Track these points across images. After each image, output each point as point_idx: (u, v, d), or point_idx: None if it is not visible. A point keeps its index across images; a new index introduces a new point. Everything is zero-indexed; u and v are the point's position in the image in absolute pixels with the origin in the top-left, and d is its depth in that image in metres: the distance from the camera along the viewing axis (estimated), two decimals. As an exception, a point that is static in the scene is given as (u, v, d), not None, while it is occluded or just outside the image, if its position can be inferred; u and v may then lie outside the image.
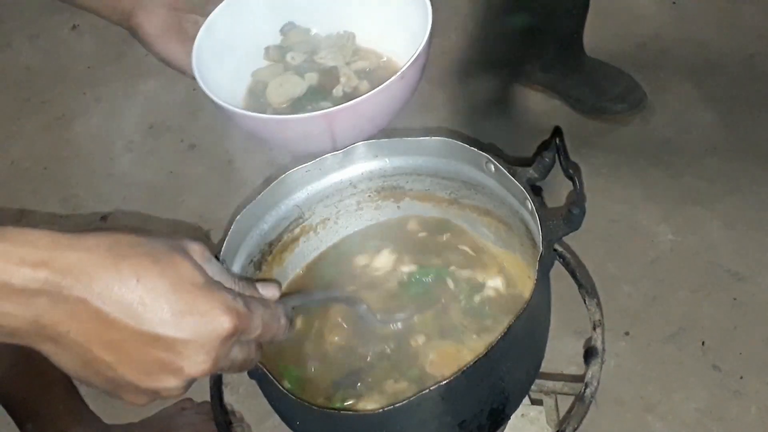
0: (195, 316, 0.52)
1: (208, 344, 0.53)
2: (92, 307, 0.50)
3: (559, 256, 0.87)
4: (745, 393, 1.33)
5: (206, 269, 0.55)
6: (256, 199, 0.82)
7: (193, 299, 0.52)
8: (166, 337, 0.52)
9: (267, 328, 0.58)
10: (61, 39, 2.19)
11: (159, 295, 0.51)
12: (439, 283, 0.85)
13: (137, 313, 0.51)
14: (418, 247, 0.89)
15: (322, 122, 0.78)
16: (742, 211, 1.55)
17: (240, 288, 0.58)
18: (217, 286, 0.54)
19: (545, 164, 0.76)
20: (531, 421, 0.92)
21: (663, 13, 1.95)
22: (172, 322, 0.52)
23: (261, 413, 1.36)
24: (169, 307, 0.51)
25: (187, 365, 0.53)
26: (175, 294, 0.52)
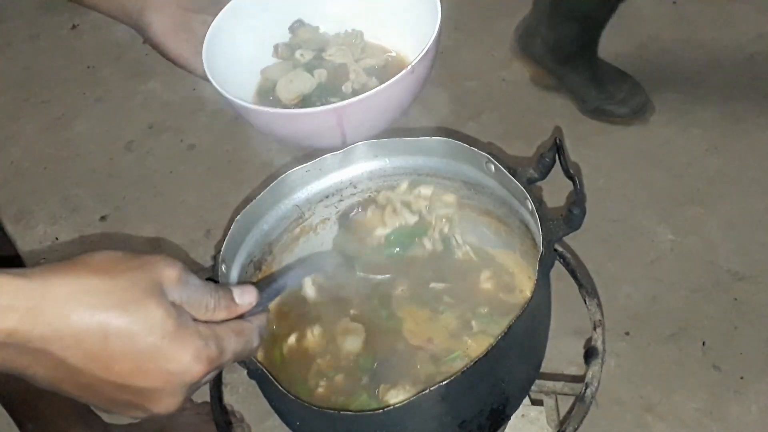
0: (164, 367, 0.52)
1: (177, 390, 0.54)
2: (58, 357, 0.50)
3: (560, 256, 0.87)
4: (745, 393, 1.33)
5: (181, 295, 0.54)
6: (256, 199, 0.82)
7: (162, 350, 0.52)
8: (134, 386, 0.52)
9: (239, 355, 0.58)
10: (61, 39, 2.19)
11: (127, 349, 0.51)
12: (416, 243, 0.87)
13: (105, 366, 0.51)
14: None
15: (332, 117, 0.78)
16: (742, 211, 1.56)
17: (216, 305, 0.57)
18: (188, 331, 0.54)
19: (545, 164, 0.75)
20: (531, 421, 0.92)
21: (663, 13, 1.95)
22: (140, 373, 0.52)
23: (261, 413, 1.36)
24: (137, 359, 0.51)
25: (156, 407, 0.54)
26: (144, 346, 0.51)
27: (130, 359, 0.51)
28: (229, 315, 0.59)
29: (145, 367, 0.52)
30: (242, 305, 0.60)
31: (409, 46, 0.91)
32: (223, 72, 0.85)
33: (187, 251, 1.67)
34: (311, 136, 0.82)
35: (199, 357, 0.53)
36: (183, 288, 0.55)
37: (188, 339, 0.53)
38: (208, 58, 0.85)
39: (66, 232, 1.77)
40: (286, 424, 0.75)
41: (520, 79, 1.87)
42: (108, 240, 1.72)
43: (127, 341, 0.51)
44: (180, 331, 0.53)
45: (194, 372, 0.53)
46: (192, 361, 0.53)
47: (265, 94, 0.91)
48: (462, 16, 2.02)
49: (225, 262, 0.77)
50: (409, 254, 0.86)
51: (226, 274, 0.78)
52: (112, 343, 0.51)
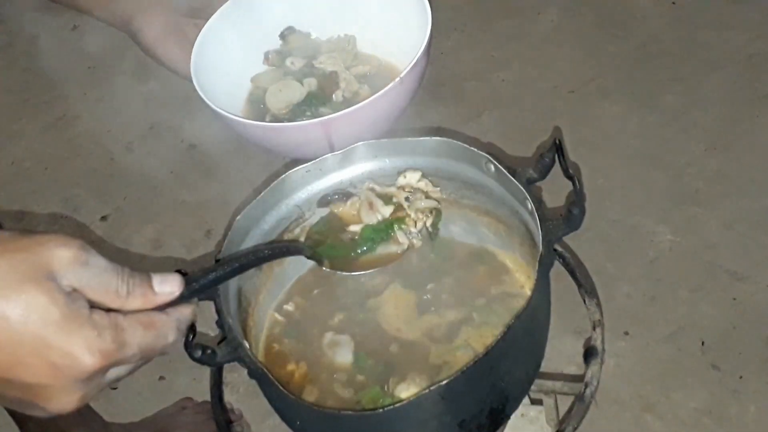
0: (48, 360, 0.47)
1: (69, 386, 0.49)
2: None
3: (559, 256, 0.87)
4: (744, 392, 1.33)
5: (80, 279, 0.49)
6: (257, 199, 0.82)
7: (45, 341, 0.47)
8: (19, 381, 0.48)
9: (149, 349, 0.53)
10: (62, 39, 2.19)
11: (4, 338, 0.46)
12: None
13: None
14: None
15: (319, 129, 0.78)
16: (741, 211, 1.56)
17: (129, 292, 0.52)
18: (78, 320, 0.48)
19: (545, 164, 0.76)
20: (531, 420, 0.92)
21: (663, 13, 1.95)
22: (22, 367, 0.47)
23: (261, 413, 1.36)
24: (16, 351, 0.47)
25: (51, 405, 0.50)
26: (24, 336, 0.47)
27: (8, 351, 0.47)
28: (144, 304, 0.53)
29: (26, 361, 0.47)
30: (161, 294, 0.55)
31: (401, 53, 0.91)
32: (212, 79, 0.85)
33: (187, 251, 1.67)
34: (299, 147, 0.82)
35: (90, 349, 0.48)
36: (81, 271, 0.50)
37: (77, 328, 0.48)
38: (197, 64, 0.85)
39: (66, 233, 1.76)
40: (287, 424, 0.76)
41: (520, 79, 1.88)
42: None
43: (3, 330, 0.46)
44: (68, 319, 0.48)
45: (84, 366, 0.48)
46: (81, 353, 0.48)
47: (256, 103, 0.91)
48: (462, 16, 2.02)
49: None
50: (383, 251, 0.82)
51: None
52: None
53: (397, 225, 0.81)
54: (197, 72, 0.84)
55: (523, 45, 1.95)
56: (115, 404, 1.44)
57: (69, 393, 0.49)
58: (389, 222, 0.82)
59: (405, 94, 0.81)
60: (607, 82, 1.82)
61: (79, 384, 0.49)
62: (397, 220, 0.81)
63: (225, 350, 0.71)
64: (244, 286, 0.82)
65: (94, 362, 0.49)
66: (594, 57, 1.87)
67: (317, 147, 0.82)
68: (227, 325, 0.73)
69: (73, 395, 0.50)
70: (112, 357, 0.50)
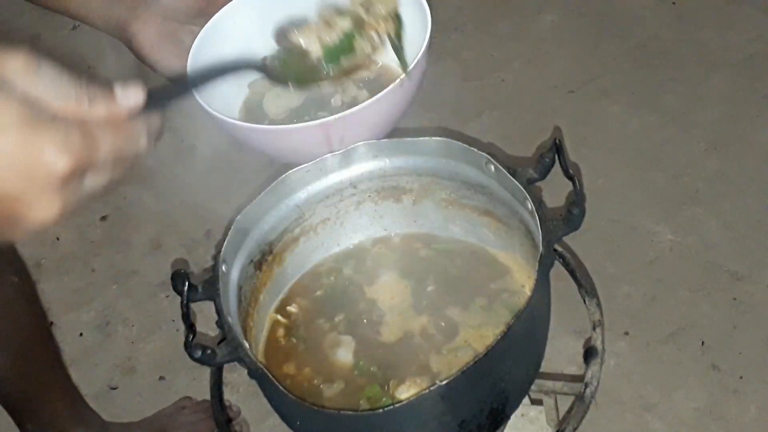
0: (19, 164, 0.45)
1: (47, 189, 0.47)
2: None
3: (559, 256, 0.87)
4: (744, 392, 1.33)
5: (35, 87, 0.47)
6: (256, 199, 0.82)
7: (11, 145, 0.45)
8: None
9: (121, 152, 0.50)
10: (62, 39, 2.19)
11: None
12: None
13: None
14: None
15: (319, 132, 0.78)
16: (741, 211, 1.56)
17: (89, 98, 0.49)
18: (40, 121, 0.46)
19: (545, 164, 0.76)
20: (531, 420, 0.92)
21: (663, 13, 1.95)
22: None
23: (261, 413, 1.36)
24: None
25: (32, 215, 0.47)
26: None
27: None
28: (108, 115, 0.50)
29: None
30: (125, 103, 0.52)
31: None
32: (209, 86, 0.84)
33: (187, 251, 1.67)
34: (299, 151, 0.82)
35: (59, 148, 0.46)
36: (35, 78, 0.47)
37: (42, 129, 0.46)
38: (194, 70, 0.84)
39: (67, 232, 1.77)
40: (287, 424, 0.76)
41: (520, 79, 1.88)
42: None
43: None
44: (29, 122, 0.45)
45: (59, 166, 0.46)
46: (50, 154, 0.46)
47: (253, 109, 0.90)
48: (462, 16, 2.02)
49: (225, 263, 0.77)
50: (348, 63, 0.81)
51: (227, 274, 0.78)
52: None
53: (358, 34, 0.78)
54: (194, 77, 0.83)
55: (523, 45, 1.95)
56: (114, 404, 1.44)
57: (48, 200, 0.47)
58: (349, 33, 0.79)
59: (406, 96, 0.81)
60: (607, 82, 1.82)
61: (54, 187, 0.47)
62: (356, 29, 0.79)
63: (225, 350, 0.71)
64: (244, 286, 0.82)
65: (65, 162, 0.46)
66: (594, 57, 1.87)
67: (317, 151, 0.82)
68: (227, 325, 0.73)
69: (52, 203, 0.47)
70: (84, 157, 0.48)
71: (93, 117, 0.49)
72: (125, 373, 1.50)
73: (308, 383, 0.81)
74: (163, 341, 1.53)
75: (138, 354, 1.52)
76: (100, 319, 1.59)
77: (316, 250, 0.91)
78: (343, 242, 0.92)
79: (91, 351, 1.54)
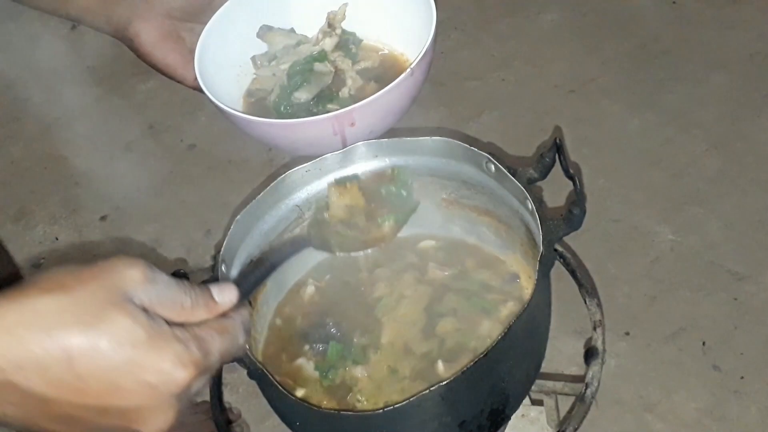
0: (143, 380, 0.48)
1: (165, 403, 0.49)
2: (23, 389, 0.46)
3: (560, 256, 0.87)
4: (745, 393, 1.33)
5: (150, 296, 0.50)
6: (256, 199, 0.82)
7: (137, 361, 0.47)
8: (115, 407, 0.48)
9: (226, 355, 0.54)
10: (62, 39, 2.19)
11: (97, 367, 0.46)
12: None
13: (76, 390, 0.46)
14: None
15: (332, 124, 0.78)
16: (742, 211, 1.55)
17: (193, 304, 0.53)
18: (163, 336, 0.49)
19: (545, 164, 0.76)
20: (531, 421, 0.92)
21: (663, 13, 1.95)
22: (118, 392, 0.47)
23: (261, 413, 1.36)
24: (110, 377, 0.47)
25: (147, 427, 0.49)
26: (115, 361, 0.47)
27: (102, 379, 0.47)
28: (209, 315, 0.54)
29: (121, 385, 0.47)
30: (223, 304, 0.56)
31: (401, 42, 0.91)
32: (215, 80, 0.84)
33: (187, 251, 1.67)
34: (311, 144, 0.82)
35: (182, 362, 0.49)
36: (151, 288, 0.50)
37: (165, 344, 0.49)
38: (201, 67, 0.84)
39: (66, 233, 1.77)
40: (286, 425, 0.76)
41: (520, 78, 1.88)
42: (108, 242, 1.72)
43: (95, 359, 0.46)
44: (154, 337, 0.48)
45: (179, 380, 0.49)
46: (173, 367, 0.48)
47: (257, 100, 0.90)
48: (462, 16, 2.02)
49: (225, 262, 0.77)
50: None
51: (226, 274, 0.78)
52: (78, 364, 0.46)
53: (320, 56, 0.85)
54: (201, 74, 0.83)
55: (523, 44, 1.95)
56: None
57: (165, 410, 0.49)
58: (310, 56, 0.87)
59: (415, 85, 0.81)
60: (607, 82, 1.82)
61: (174, 400, 0.49)
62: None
63: (224, 351, 0.70)
64: (244, 286, 0.81)
65: (186, 375, 0.49)
66: (594, 57, 1.87)
67: (330, 143, 0.81)
68: (227, 326, 0.72)
69: (168, 412, 0.50)
70: (200, 367, 0.50)
71: (194, 320, 0.52)
72: (125, 374, 1.50)
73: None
74: (162, 341, 1.52)
75: (138, 354, 1.52)
76: (100, 319, 1.59)
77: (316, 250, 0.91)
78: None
79: None
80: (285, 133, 0.81)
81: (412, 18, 0.86)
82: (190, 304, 0.53)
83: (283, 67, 0.88)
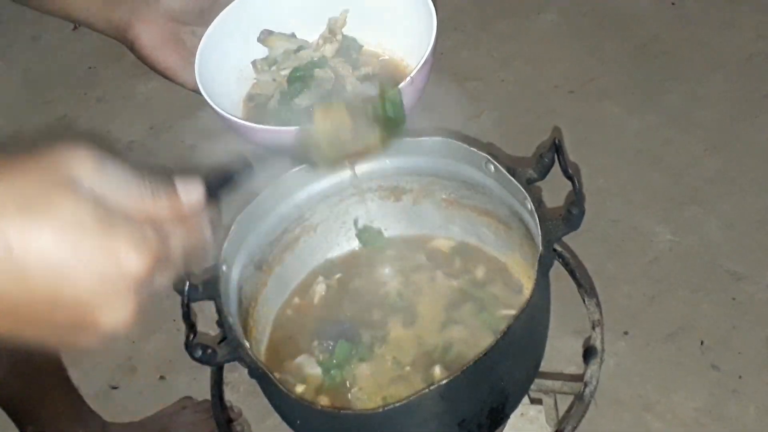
0: (93, 267, 0.43)
1: (122, 290, 0.45)
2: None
3: (559, 256, 0.87)
4: (744, 392, 1.33)
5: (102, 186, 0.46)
6: (257, 199, 0.82)
7: (86, 247, 0.43)
8: (66, 299, 0.44)
9: (190, 248, 0.50)
10: (63, 40, 2.19)
11: (41, 256, 0.42)
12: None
13: (21, 281, 0.42)
14: None
15: None
16: (741, 211, 1.56)
17: (154, 195, 0.48)
18: (114, 220, 0.45)
19: (545, 164, 0.76)
20: (530, 420, 0.93)
21: (663, 14, 1.95)
22: (68, 281, 0.43)
23: (261, 412, 1.36)
24: (57, 265, 0.43)
25: (104, 320, 0.45)
26: (62, 248, 0.43)
27: (47, 269, 0.43)
28: (172, 212, 0.50)
29: (69, 274, 0.43)
30: (188, 200, 0.51)
31: (402, 48, 0.91)
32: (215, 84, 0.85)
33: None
34: None
35: (136, 246, 0.45)
36: (103, 176, 0.46)
37: (116, 229, 0.44)
38: (201, 71, 0.84)
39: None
40: (287, 423, 0.76)
41: (520, 79, 1.88)
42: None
43: (38, 248, 0.42)
44: (104, 221, 0.44)
45: (134, 266, 0.45)
46: (126, 253, 0.44)
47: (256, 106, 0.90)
48: (461, 16, 2.02)
49: (225, 262, 0.78)
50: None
51: (227, 274, 0.78)
52: (19, 255, 0.42)
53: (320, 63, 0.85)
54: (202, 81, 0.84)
55: (523, 45, 1.95)
56: (115, 404, 1.44)
57: (122, 302, 0.45)
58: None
59: (415, 93, 0.81)
60: (607, 82, 1.82)
61: (130, 290, 0.45)
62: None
63: (225, 350, 0.71)
64: (245, 285, 0.82)
65: (141, 260, 0.45)
66: (594, 57, 1.87)
67: None
68: (228, 325, 0.73)
69: (126, 305, 0.45)
70: (159, 254, 0.46)
71: (159, 213, 0.48)
72: (126, 373, 1.50)
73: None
74: (163, 341, 1.53)
75: (138, 354, 1.52)
76: (101, 318, 1.59)
77: (317, 250, 0.91)
78: (343, 242, 0.92)
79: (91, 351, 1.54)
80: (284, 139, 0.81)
81: (413, 24, 0.86)
82: (150, 196, 0.48)
83: (283, 72, 0.88)
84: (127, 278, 0.45)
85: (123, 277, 0.45)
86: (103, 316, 0.45)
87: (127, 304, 0.45)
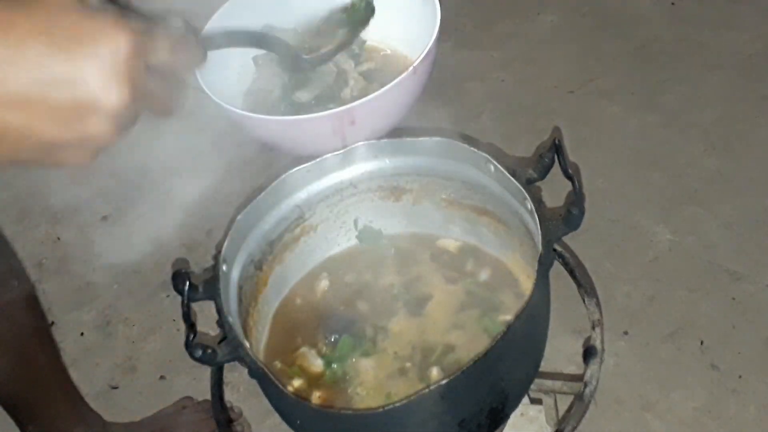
0: (84, 43, 0.44)
1: (114, 66, 0.45)
2: None
3: (559, 256, 0.88)
4: (743, 392, 1.33)
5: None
6: (257, 199, 0.82)
7: (75, 27, 0.44)
8: (62, 74, 0.44)
9: (177, 51, 0.50)
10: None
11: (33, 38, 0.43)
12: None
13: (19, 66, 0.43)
14: None
15: (334, 121, 0.78)
16: (740, 211, 1.56)
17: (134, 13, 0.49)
18: (99, 6, 0.46)
19: (545, 164, 0.76)
20: (530, 420, 0.93)
21: (662, 14, 1.96)
22: (61, 56, 0.44)
23: (261, 412, 1.36)
24: (50, 44, 0.44)
25: (103, 97, 0.46)
26: (53, 29, 0.44)
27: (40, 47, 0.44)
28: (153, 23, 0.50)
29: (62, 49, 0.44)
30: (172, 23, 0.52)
31: (405, 43, 0.91)
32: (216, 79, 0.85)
33: (188, 251, 1.67)
34: (310, 143, 0.82)
35: (120, 25, 0.45)
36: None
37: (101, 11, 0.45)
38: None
39: (67, 232, 1.77)
40: (287, 423, 0.76)
41: (520, 79, 1.88)
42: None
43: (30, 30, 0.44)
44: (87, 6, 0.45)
45: (121, 41, 0.45)
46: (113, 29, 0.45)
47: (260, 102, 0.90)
48: (461, 16, 2.02)
49: (226, 262, 0.78)
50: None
51: (227, 273, 0.78)
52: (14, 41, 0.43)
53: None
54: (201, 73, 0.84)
55: (522, 45, 1.95)
56: (115, 404, 1.44)
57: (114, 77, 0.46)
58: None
59: (418, 84, 0.81)
60: (607, 82, 1.82)
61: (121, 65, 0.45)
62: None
63: (225, 350, 0.71)
64: (245, 285, 0.82)
65: (126, 36, 0.45)
66: (594, 57, 1.88)
67: (331, 142, 0.81)
68: (228, 325, 0.73)
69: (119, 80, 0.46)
70: (144, 37, 0.47)
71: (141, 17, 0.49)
72: (126, 373, 1.50)
73: None
74: (163, 341, 1.53)
75: (139, 353, 1.52)
76: (101, 318, 1.59)
77: (317, 249, 0.91)
78: (343, 242, 0.93)
79: (91, 351, 1.54)
80: (284, 130, 0.80)
81: (416, 19, 0.86)
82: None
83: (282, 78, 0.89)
84: (114, 56, 0.45)
85: (111, 54, 0.45)
86: (102, 96, 0.46)
87: (121, 82, 0.46)
